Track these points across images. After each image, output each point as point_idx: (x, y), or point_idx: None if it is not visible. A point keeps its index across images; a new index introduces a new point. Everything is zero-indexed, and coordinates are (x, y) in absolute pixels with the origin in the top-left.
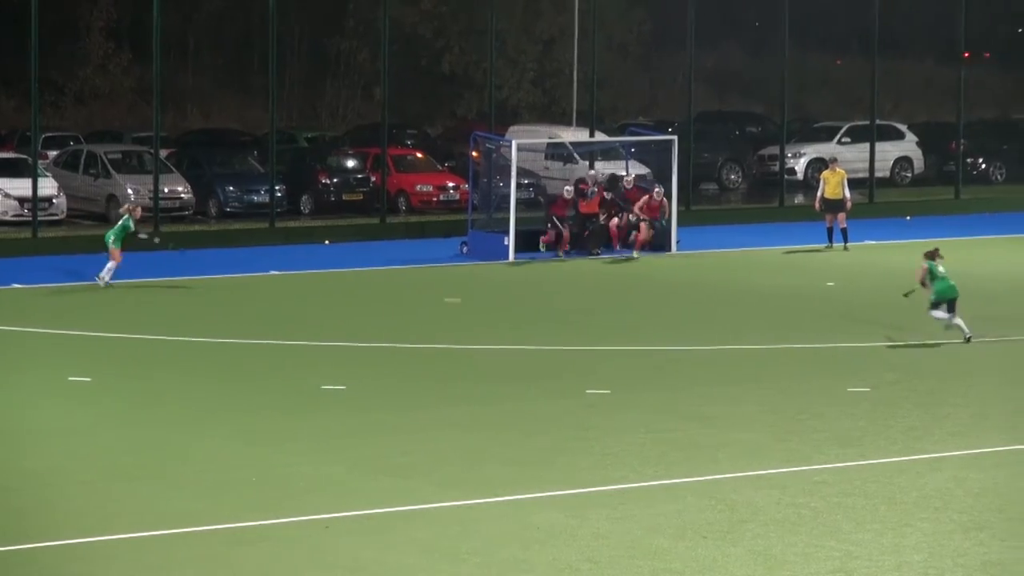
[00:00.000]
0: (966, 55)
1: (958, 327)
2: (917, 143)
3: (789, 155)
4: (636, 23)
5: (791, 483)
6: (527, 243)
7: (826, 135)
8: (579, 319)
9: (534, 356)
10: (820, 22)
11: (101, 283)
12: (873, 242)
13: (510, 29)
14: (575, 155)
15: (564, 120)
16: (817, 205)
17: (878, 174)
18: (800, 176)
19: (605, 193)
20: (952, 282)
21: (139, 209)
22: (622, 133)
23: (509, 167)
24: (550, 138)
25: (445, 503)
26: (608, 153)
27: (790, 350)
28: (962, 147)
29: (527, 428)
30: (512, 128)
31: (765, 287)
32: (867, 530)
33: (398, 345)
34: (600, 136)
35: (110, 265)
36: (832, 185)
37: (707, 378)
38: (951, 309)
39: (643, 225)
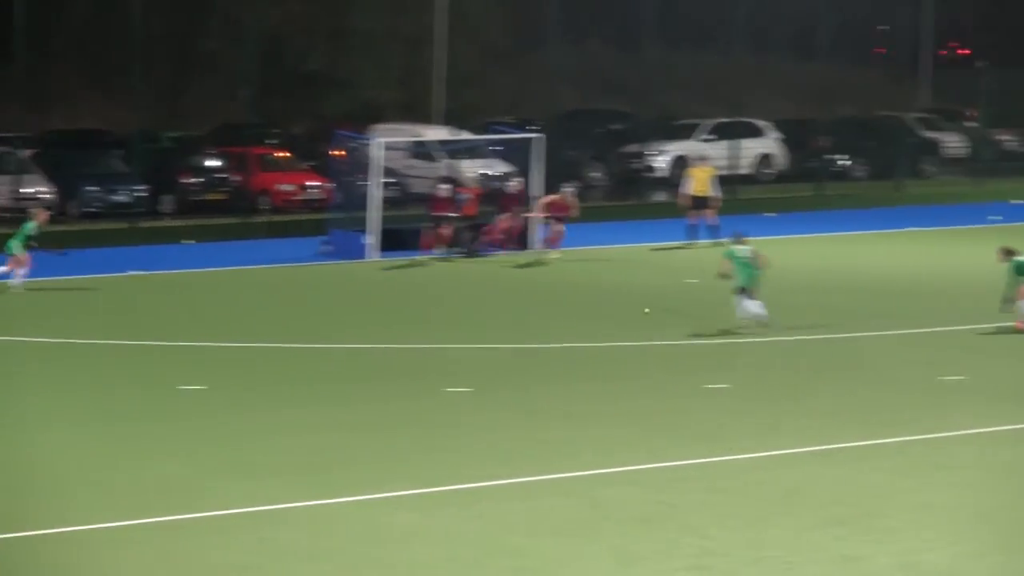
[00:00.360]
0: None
1: (756, 316)
2: (780, 140)
3: (653, 152)
4: (500, 21)
5: (649, 480)
6: (390, 242)
7: (690, 132)
8: (439, 318)
9: (393, 355)
10: (685, 20)
11: (19, 290)
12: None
13: (375, 28)
14: (439, 153)
15: (428, 119)
16: (681, 200)
17: (741, 171)
18: (664, 173)
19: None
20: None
21: (46, 214)
22: (486, 131)
23: (372, 166)
24: (414, 137)
25: (301, 503)
26: (473, 151)
27: (650, 347)
28: (824, 144)
29: (384, 427)
30: (375, 127)
31: (627, 284)
32: (725, 526)
33: (257, 345)
34: (465, 135)
35: (20, 272)
36: (699, 182)
37: (567, 376)
38: (750, 296)
39: (554, 223)
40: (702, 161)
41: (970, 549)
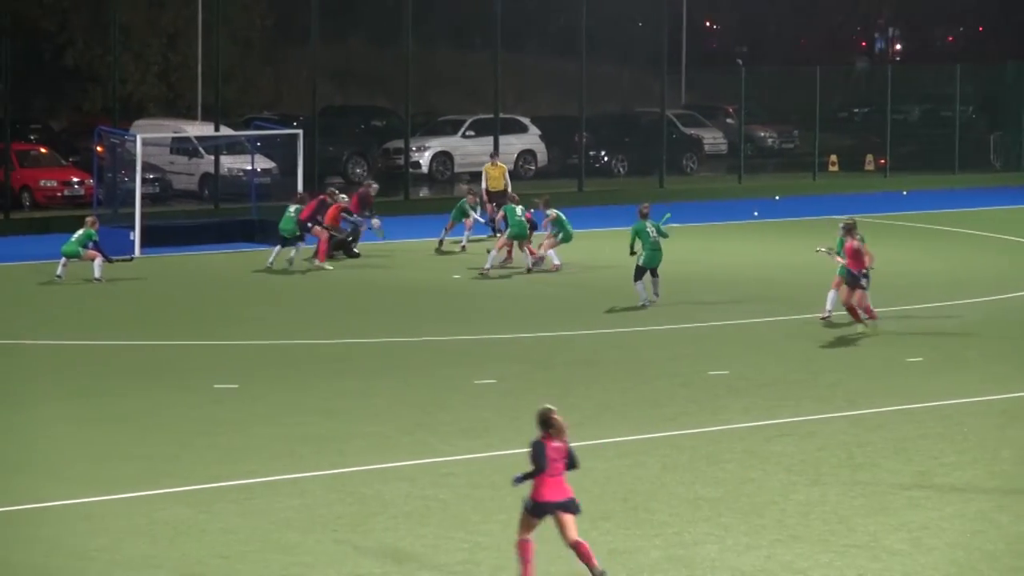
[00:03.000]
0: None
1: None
2: (540, 136)
3: (414, 148)
4: (259, 17)
5: (419, 475)
6: (152, 238)
7: (451, 128)
8: (206, 314)
9: (160, 351)
10: (444, 16)
11: (103, 280)
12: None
13: (134, 22)
14: (200, 149)
15: (190, 114)
16: (484, 196)
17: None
18: (425, 169)
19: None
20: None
21: (96, 222)
22: (247, 127)
23: (134, 162)
24: (175, 132)
25: (70, 500)
26: (233, 147)
27: (417, 343)
28: (584, 140)
29: (153, 423)
30: (137, 123)
31: (395, 281)
32: (495, 521)
33: (21, 342)
34: (226, 130)
35: (98, 262)
36: (493, 178)
37: (335, 372)
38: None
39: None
40: (494, 158)
41: (739, 542)
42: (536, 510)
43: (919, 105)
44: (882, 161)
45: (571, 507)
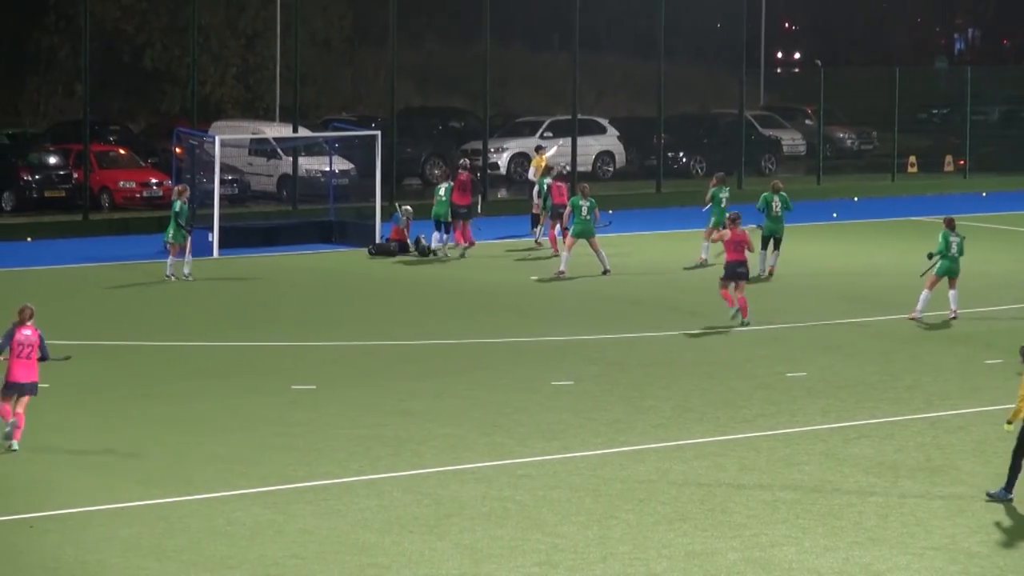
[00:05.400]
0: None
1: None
2: (618, 137)
3: (492, 150)
4: (338, 18)
5: (496, 477)
6: (230, 239)
7: (529, 130)
8: (285, 315)
9: (238, 352)
10: (521, 17)
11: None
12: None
13: (213, 24)
14: (279, 150)
15: (268, 116)
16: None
17: (580, 168)
18: (503, 171)
19: None
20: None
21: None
22: (325, 128)
23: (212, 163)
24: (253, 134)
25: (149, 500)
26: (312, 149)
27: (493, 344)
28: (663, 141)
29: (231, 425)
30: (215, 124)
31: (472, 281)
32: (572, 522)
33: (101, 343)
34: (304, 131)
35: (186, 259)
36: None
37: (410, 373)
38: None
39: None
40: (542, 151)
41: (816, 544)
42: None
43: (999, 106)
44: (961, 162)
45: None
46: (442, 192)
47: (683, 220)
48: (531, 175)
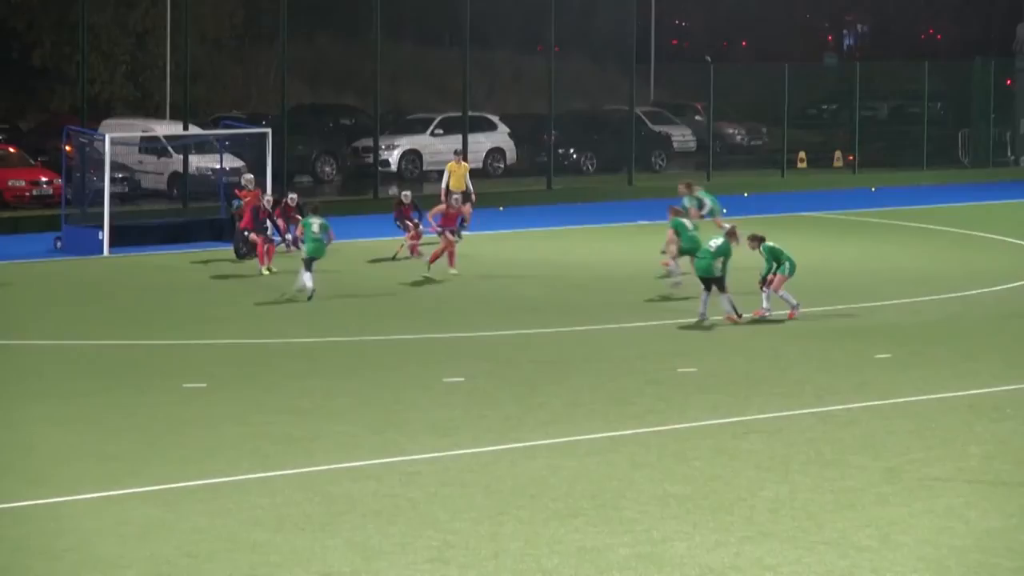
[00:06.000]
0: (556, 48)
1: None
2: (509, 134)
3: (383, 147)
4: (229, 15)
5: (387, 474)
6: (121, 237)
7: (420, 127)
8: (176, 313)
9: (129, 351)
10: (412, 14)
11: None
12: (467, 233)
13: (102, 22)
14: (169, 148)
15: (158, 114)
16: (443, 196)
17: (472, 165)
18: (394, 168)
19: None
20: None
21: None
22: (216, 126)
23: (103, 161)
24: (144, 132)
25: (38, 500)
26: (202, 147)
27: (384, 342)
28: (553, 138)
29: (121, 424)
30: (106, 122)
31: (363, 280)
32: (464, 519)
33: None
34: (194, 129)
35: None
36: (457, 177)
37: (301, 371)
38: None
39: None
40: (459, 156)
41: (707, 539)
42: None
43: (887, 102)
44: (851, 158)
45: None
46: (315, 228)
47: (574, 216)
48: (445, 183)
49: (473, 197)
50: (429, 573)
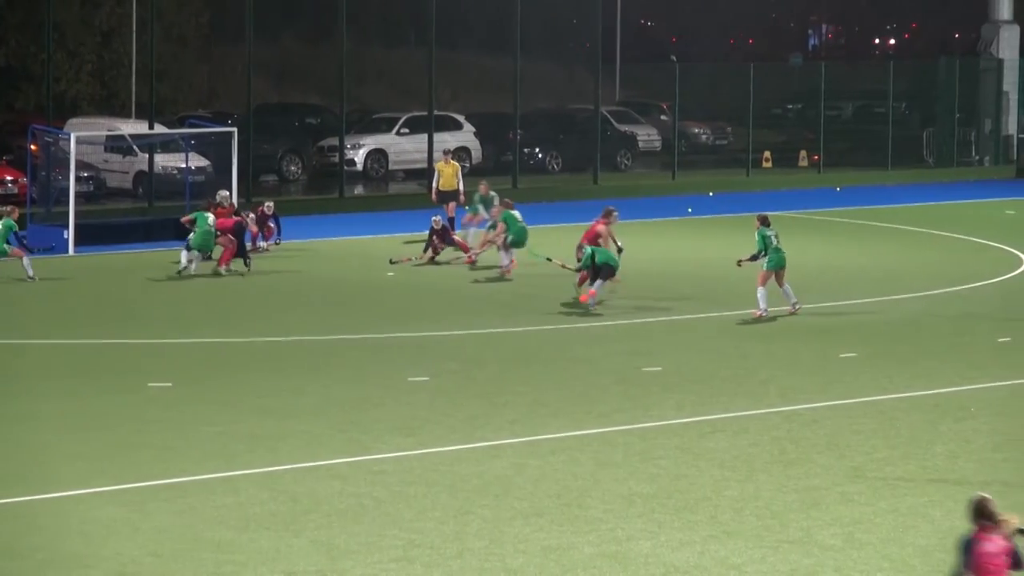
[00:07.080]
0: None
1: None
2: (475, 133)
3: (349, 146)
4: (194, 14)
5: (352, 473)
6: (86, 236)
7: (385, 126)
8: (142, 312)
9: (95, 350)
10: (377, 13)
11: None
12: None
13: (68, 21)
14: (135, 147)
15: (124, 112)
16: (433, 196)
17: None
18: (360, 167)
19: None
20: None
21: (16, 210)
22: (182, 125)
23: (68, 160)
24: (109, 131)
25: (3, 500)
26: (168, 145)
27: (350, 341)
28: (519, 137)
29: (87, 423)
30: (71, 121)
31: (329, 279)
32: (428, 518)
33: None
34: (160, 128)
35: (26, 261)
36: (447, 176)
37: (266, 370)
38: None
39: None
40: (448, 156)
41: (672, 538)
42: None
43: (852, 102)
44: (815, 157)
45: None
46: (210, 221)
47: (539, 216)
48: (435, 183)
49: (462, 197)
50: (394, 572)
